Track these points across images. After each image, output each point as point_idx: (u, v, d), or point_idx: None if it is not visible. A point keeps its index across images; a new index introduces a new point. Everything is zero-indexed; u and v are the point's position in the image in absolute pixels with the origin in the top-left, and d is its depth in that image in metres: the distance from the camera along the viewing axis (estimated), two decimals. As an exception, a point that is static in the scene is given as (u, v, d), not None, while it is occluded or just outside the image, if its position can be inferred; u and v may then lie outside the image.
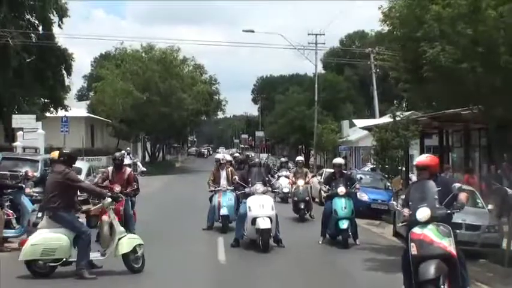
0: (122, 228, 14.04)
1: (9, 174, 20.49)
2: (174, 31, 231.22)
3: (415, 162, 12.51)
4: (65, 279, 13.11)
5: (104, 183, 17.79)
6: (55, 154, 17.23)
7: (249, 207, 17.95)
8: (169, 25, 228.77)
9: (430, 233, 10.70)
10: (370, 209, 29.44)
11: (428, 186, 11.40)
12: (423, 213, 10.86)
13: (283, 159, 50.13)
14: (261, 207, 17.71)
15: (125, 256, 13.50)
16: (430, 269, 10.33)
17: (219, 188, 22.00)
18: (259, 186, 18.53)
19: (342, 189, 19.73)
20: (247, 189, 19.00)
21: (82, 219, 15.42)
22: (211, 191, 22.43)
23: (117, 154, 19.56)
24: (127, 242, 13.59)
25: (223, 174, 22.48)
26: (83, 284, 12.96)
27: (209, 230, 21.58)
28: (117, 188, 16.96)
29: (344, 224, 19.41)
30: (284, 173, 36.92)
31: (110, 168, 18.94)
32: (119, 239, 13.59)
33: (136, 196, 19.66)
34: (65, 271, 13.26)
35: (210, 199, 22.34)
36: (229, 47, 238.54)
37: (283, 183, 33.31)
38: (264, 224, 17.31)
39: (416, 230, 10.88)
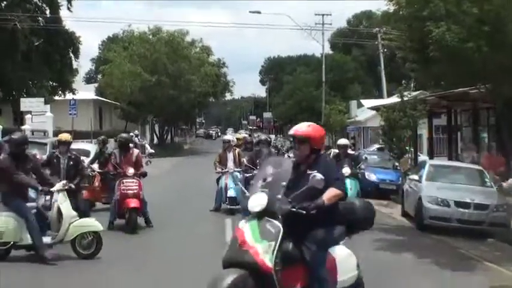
0: (73, 213, 13.49)
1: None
2: (181, 13, 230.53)
3: (291, 132, 9.13)
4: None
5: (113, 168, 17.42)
6: (64, 136, 16.90)
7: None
8: (177, 7, 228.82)
9: (248, 230, 7.96)
10: (379, 189, 29.42)
11: (284, 165, 8.70)
12: (256, 201, 8.16)
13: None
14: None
15: (72, 241, 13.20)
16: (221, 283, 7.38)
17: (226, 170, 21.57)
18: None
19: (346, 170, 18.88)
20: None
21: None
22: (218, 173, 22.05)
23: (123, 135, 19.12)
24: (76, 228, 13.19)
25: (230, 156, 22.06)
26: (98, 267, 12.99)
27: (216, 212, 21.34)
28: (131, 171, 16.83)
29: None
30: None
31: (116, 151, 18.22)
32: (70, 224, 13.21)
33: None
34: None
35: (217, 181, 22.03)
36: (236, 29, 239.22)
37: None
38: None
39: (241, 223, 8.28)
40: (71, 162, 15.92)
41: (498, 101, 17.26)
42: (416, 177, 21.19)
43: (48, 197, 14.44)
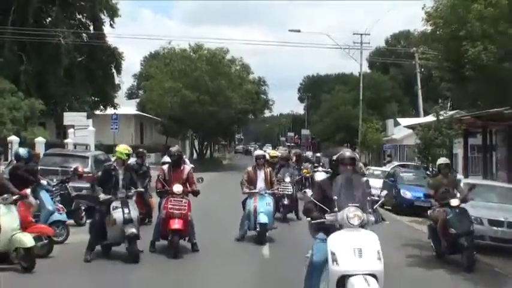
0: (14, 226, 13.31)
1: (60, 170, 20.80)
2: (220, 31, 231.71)
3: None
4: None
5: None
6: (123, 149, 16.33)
7: (333, 253, 8.82)
8: (216, 25, 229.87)
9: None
10: (414, 207, 29.22)
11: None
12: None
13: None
14: (357, 257, 8.78)
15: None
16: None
17: (256, 191, 18.34)
18: (352, 211, 9.05)
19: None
20: (329, 217, 9.19)
21: None
22: (245, 193, 18.62)
23: (173, 149, 16.95)
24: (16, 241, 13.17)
25: (261, 174, 18.64)
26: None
27: (241, 242, 18.06)
28: (178, 188, 15.22)
29: None
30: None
31: (166, 167, 16.44)
32: (12, 236, 13.15)
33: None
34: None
35: (243, 204, 18.60)
36: (276, 47, 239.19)
37: None
38: None
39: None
40: (128, 172, 15.40)
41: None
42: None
43: None
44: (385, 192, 11.99)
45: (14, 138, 29.62)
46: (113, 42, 57.52)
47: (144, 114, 72.91)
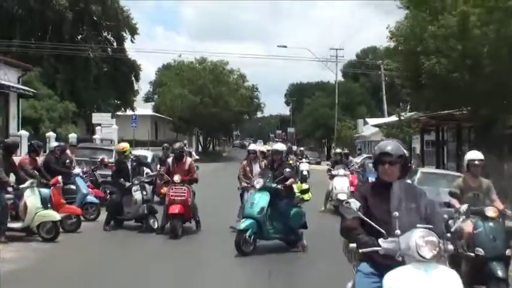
0: (38, 205, 13.45)
1: (89, 160, 20.90)
2: (221, 46, 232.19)
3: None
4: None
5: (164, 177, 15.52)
6: (122, 146, 16.92)
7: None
8: (217, 41, 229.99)
9: None
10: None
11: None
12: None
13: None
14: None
15: (36, 227, 13.18)
16: None
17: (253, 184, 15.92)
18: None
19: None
20: (385, 245, 4.85)
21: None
22: (243, 188, 15.99)
23: (177, 145, 16.27)
24: (39, 217, 13.21)
25: (256, 167, 16.28)
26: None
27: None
28: (176, 178, 14.62)
29: None
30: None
31: (170, 160, 15.87)
32: (35, 214, 13.21)
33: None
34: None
35: (241, 195, 16.11)
36: (266, 60, 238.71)
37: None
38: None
39: None
40: (134, 164, 16.08)
41: (477, 121, 17.14)
42: (409, 181, 21.09)
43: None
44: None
45: (51, 134, 29.57)
46: (132, 55, 57.67)
47: (158, 115, 72.95)
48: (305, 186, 14.89)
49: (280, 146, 14.22)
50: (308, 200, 14.21)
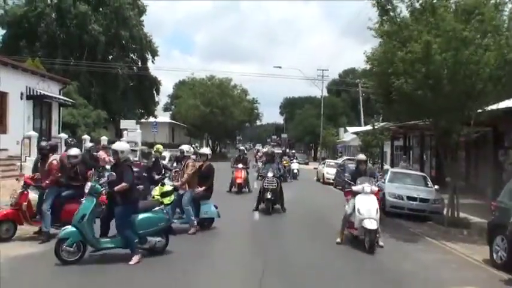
0: None
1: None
2: (226, 65, 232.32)
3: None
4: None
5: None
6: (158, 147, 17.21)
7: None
8: (223, 61, 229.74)
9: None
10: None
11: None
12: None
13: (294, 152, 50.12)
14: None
15: None
16: None
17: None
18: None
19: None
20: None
21: None
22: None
23: (184, 147, 14.68)
24: None
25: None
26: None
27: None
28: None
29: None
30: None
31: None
32: None
33: None
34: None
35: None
36: (264, 77, 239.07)
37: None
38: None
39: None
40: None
41: (437, 130, 17.20)
42: (382, 179, 21.14)
43: None
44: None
45: (86, 137, 29.61)
46: (154, 72, 57.75)
47: (175, 122, 73.07)
48: (168, 188, 11.83)
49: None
50: (169, 204, 11.12)
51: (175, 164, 20.70)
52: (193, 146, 58.69)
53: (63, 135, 28.74)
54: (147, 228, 9.90)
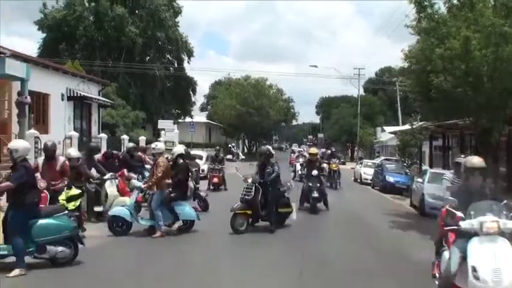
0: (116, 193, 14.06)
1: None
2: (261, 65, 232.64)
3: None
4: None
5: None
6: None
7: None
8: (258, 61, 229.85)
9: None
10: (394, 188, 29.00)
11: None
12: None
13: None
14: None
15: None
16: None
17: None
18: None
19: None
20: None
21: None
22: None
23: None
24: (117, 202, 13.32)
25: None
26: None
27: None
28: None
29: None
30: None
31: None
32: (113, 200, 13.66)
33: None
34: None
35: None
36: (299, 77, 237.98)
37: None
38: None
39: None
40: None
41: (477, 129, 16.89)
42: (420, 180, 20.89)
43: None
44: None
45: (125, 137, 30.00)
46: (190, 73, 58.13)
47: (211, 122, 73.35)
48: (74, 192, 11.11)
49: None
50: (74, 210, 10.36)
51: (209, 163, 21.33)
52: (230, 145, 59.04)
53: (103, 135, 29.18)
54: (46, 235, 8.77)
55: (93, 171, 13.93)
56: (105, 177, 13.90)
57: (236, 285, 8.66)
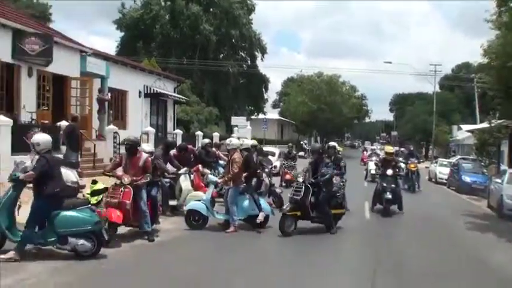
0: (190, 188, 14.13)
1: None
2: (332, 62, 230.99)
3: None
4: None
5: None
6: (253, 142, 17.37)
7: None
8: (329, 58, 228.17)
9: None
10: (471, 188, 27.97)
11: None
12: None
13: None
14: None
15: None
16: None
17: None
18: None
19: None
20: None
21: None
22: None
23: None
24: (191, 197, 13.37)
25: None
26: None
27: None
28: None
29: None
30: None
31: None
32: (187, 194, 13.72)
33: None
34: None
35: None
36: (371, 73, 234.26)
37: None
38: None
39: None
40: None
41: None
42: (499, 180, 20.15)
43: None
44: None
45: (199, 133, 30.56)
46: (262, 70, 58.45)
47: (283, 118, 73.45)
48: (99, 186, 10.71)
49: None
50: (96, 204, 9.94)
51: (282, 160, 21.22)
52: (303, 142, 58.97)
53: (178, 131, 29.84)
54: (68, 227, 8.81)
55: (169, 166, 14.16)
56: (180, 171, 14.15)
57: (311, 279, 8.66)
